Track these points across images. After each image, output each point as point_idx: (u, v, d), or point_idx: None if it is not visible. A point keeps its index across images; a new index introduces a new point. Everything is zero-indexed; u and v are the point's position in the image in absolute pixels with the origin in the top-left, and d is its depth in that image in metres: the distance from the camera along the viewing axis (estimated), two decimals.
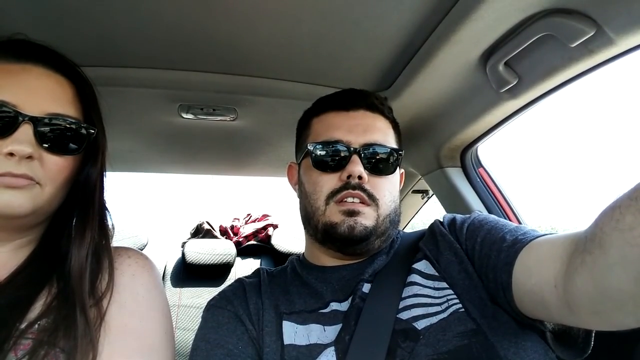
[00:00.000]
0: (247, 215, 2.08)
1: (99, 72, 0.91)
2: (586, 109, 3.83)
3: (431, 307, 0.62)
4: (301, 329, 0.65)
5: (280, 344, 0.64)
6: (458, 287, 0.64)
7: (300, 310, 0.68)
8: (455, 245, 0.69)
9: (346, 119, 0.76)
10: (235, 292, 0.73)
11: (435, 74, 0.93)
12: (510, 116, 1.00)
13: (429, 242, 0.73)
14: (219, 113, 1.13)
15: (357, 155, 0.71)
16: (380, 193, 0.72)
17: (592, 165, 4.13)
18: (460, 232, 0.70)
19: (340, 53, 0.90)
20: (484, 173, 1.26)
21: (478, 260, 0.64)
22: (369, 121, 0.76)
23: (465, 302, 0.62)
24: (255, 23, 0.78)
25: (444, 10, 0.74)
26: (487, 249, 0.63)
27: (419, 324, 0.61)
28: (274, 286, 0.75)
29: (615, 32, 0.65)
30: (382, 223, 0.72)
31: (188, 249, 1.67)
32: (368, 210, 0.71)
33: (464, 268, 0.66)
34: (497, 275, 0.59)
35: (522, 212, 1.21)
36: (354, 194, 0.70)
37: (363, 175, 0.70)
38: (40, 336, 0.50)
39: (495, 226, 0.66)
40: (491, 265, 0.61)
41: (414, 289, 0.66)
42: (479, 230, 0.67)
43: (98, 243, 0.61)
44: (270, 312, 0.68)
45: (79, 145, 0.59)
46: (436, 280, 0.66)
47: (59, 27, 0.78)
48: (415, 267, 0.70)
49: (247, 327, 0.67)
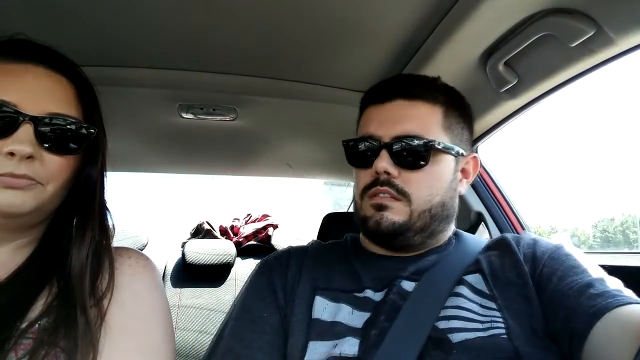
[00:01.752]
0: (247, 215, 2.08)
1: (99, 72, 0.91)
2: (586, 109, 3.83)
3: (471, 322, 0.59)
4: (331, 306, 0.66)
5: (309, 317, 0.65)
6: (510, 310, 0.60)
7: (335, 289, 0.69)
8: (523, 268, 0.65)
9: (380, 112, 0.72)
10: (279, 260, 0.76)
11: (435, 73, 0.93)
12: (510, 116, 1.00)
13: (491, 257, 0.69)
14: (219, 113, 1.13)
15: (387, 150, 0.68)
16: (414, 187, 0.68)
17: (592, 165, 4.13)
18: (540, 257, 0.66)
19: (341, 53, 0.90)
20: (484, 173, 1.26)
21: (550, 293, 0.60)
22: (404, 111, 0.71)
23: (510, 328, 0.58)
24: (255, 23, 0.78)
25: (444, 9, 0.74)
26: (567, 287, 0.59)
27: (454, 337, 0.58)
28: (318, 259, 0.75)
29: (615, 32, 0.65)
30: (418, 218, 0.68)
31: (188, 249, 1.67)
32: (398, 205, 0.68)
33: (524, 293, 0.62)
34: (573, 319, 0.55)
35: (522, 212, 1.21)
36: (382, 190, 0.68)
37: (390, 171, 0.67)
38: (40, 336, 0.50)
39: (581, 267, 0.62)
40: (567, 306, 0.57)
41: (459, 300, 0.63)
42: (564, 263, 0.64)
43: (98, 243, 0.61)
44: (306, 285, 0.69)
45: (79, 145, 0.59)
46: (485, 298, 0.63)
47: (59, 27, 0.78)
48: (466, 278, 0.66)
49: (277, 295, 0.69)
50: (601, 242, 4.22)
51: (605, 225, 4.32)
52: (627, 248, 4.18)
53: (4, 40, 0.58)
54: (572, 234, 4.19)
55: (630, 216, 3.77)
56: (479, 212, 1.21)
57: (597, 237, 4.27)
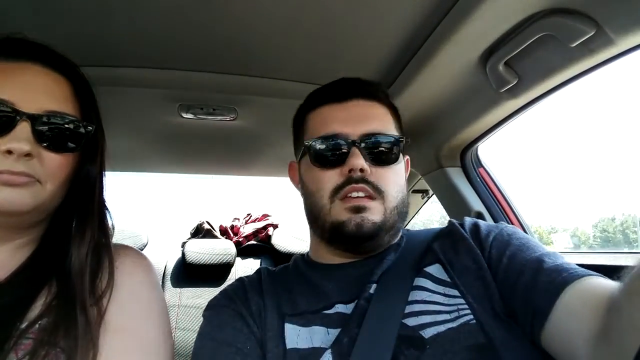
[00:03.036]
0: (247, 215, 2.08)
1: (99, 72, 0.91)
2: (586, 109, 3.81)
3: (439, 314, 0.59)
4: (304, 332, 0.62)
5: (283, 349, 0.61)
6: (471, 296, 0.60)
7: (303, 312, 0.65)
8: (476, 251, 0.65)
9: (341, 111, 0.72)
10: (237, 292, 0.71)
11: (435, 74, 0.93)
12: (510, 116, 1.00)
13: (445, 244, 0.69)
14: (219, 113, 1.13)
15: (357, 147, 0.68)
16: (386, 184, 0.68)
17: (592, 166, 4.13)
18: (485, 239, 0.67)
19: (340, 53, 0.90)
20: (484, 173, 1.26)
21: (503, 273, 0.61)
22: (365, 110, 0.72)
23: (477, 313, 0.58)
24: (255, 23, 0.78)
25: (444, 10, 0.74)
26: (519, 265, 0.59)
27: (425, 333, 0.58)
28: (276, 285, 0.71)
29: (615, 32, 0.65)
30: (390, 216, 0.68)
31: (188, 249, 1.67)
32: (375, 205, 0.67)
33: (481, 276, 0.62)
34: (532, 297, 0.55)
35: (522, 212, 1.21)
36: (358, 188, 0.66)
37: (365, 168, 0.66)
38: (40, 336, 0.50)
39: (528, 244, 0.63)
40: (523, 283, 0.57)
41: (422, 294, 0.62)
42: (509, 242, 0.64)
43: (98, 242, 0.61)
44: (273, 314, 0.66)
45: (78, 142, 0.59)
46: (447, 287, 0.62)
47: (59, 27, 0.78)
48: (427, 270, 0.66)
49: (251, 328, 0.64)
50: (601, 242, 4.22)
51: (605, 225, 4.32)
52: (627, 248, 4.17)
53: (2, 39, 0.58)
54: (572, 233, 4.19)
55: (630, 216, 3.77)
56: (479, 212, 1.21)
57: (597, 237, 4.27)
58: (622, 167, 6.70)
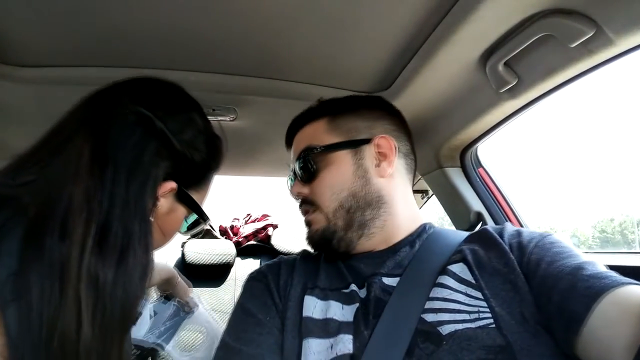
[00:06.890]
0: (247, 215, 2.08)
1: (99, 72, 0.91)
2: (586, 110, 3.81)
3: (459, 313, 0.59)
4: (320, 304, 0.68)
5: (299, 316, 0.67)
6: (496, 300, 0.60)
7: (324, 287, 0.71)
8: (509, 256, 0.65)
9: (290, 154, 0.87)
10: (272, 268, 0.79)
11: (434, 74, 0.93)
12: (510, 116, 1.00)
13: (475, 247, 0.69)
14: (219, 113, 1.13)
15: (294, 176, 0.81)
16: (319, 194, 0.77)
17: (591, 167, 4.14)
18: (526, 245, 0.66)
19: (340, 53, 0.90)
20: (484, 173, 1.26)
21: (541, 279, 0.60)
22: (297, 140, 0.85)
23: (498, 317, 0.58)
24: (255, 23, 0.78)
25: (444, 10, 0.74)
26: (557, 271, 0.59)
27: (443, 329, 0.58)
28: (308, 265, 0.78)
29: (615, 32, 0.65)
30: (337, 217, 0.75)
31: (188, 249, 1.67)
32: (314, 216, 0.78)
33: (511, 279, 0.61)
34: (569, 302, 0.54)
35: (522, 213, 1.21)
36: (301, 210, 0.82)
37: (299, 192, 0.80)
38: None
39: (568, 252, 0.62)
40: (560, 289, 0.56)
41: (444, 292, 0.63)
42: (550, 249, 0.64)
43: None
44: (297, 288, 0.72)
45: None
46: (470, 287, 0.63)
47: (59, 27, 0.78)
48: (450, 268, 0.66)
49: (274, 300, 0.72)
50: (600, 243, 4.23)
51: (604, 226, 4.34)
52: (625, 248, 4.18)
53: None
54: (572, 234, 4.19)
55: (629, 217, 3.78)
56: (479, 212, 1.22)
57: (596, 237, 4.28)
58: (621, 168, 6.64)
